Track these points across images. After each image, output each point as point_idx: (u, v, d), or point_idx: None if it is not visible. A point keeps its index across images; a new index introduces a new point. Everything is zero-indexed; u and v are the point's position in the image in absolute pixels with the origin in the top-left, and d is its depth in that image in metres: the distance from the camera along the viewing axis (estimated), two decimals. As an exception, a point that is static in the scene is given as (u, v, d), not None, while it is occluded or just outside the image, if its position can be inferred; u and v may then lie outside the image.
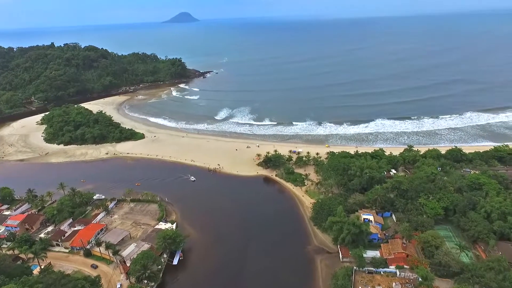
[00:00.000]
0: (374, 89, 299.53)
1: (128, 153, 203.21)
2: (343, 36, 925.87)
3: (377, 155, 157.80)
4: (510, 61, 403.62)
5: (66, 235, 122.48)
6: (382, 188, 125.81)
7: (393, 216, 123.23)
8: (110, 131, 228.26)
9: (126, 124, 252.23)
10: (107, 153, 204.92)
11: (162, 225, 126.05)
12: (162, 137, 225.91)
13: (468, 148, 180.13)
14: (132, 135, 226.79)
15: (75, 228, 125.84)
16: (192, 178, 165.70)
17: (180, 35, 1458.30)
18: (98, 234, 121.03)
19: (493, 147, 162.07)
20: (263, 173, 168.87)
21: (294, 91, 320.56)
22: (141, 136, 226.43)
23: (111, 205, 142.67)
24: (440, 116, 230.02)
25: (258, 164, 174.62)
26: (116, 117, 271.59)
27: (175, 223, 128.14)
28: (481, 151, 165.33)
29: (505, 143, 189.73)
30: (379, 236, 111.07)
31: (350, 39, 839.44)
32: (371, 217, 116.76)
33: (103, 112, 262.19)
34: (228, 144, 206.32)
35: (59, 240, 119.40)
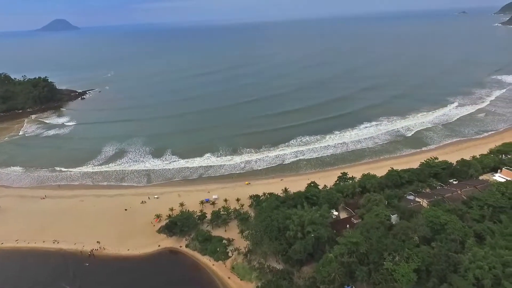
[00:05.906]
0: (287, 106, 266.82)
1: None
2: (242, 43, 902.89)
3: (312, 195, 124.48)
4: (413, 63, 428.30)
5: None
6: (336, 257, 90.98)
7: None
8: None
9: None
10: None
11: None
12: (6, 203, 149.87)
13: (395, 161, 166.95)
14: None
15: None
16: None
17: (52, 46, 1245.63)
18: None
19: (424, 162, 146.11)
20: (168, 245, 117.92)
21: (197, 115, 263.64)
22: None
23: None
24: (357, 127, 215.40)
25: (159, 230, 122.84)
26: None
27: None
28: (411, 165, 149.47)
29: (423, 148, 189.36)
30: None
31: (249, 46, 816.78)
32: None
33: None
34: (113, 201, 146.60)
35: None
